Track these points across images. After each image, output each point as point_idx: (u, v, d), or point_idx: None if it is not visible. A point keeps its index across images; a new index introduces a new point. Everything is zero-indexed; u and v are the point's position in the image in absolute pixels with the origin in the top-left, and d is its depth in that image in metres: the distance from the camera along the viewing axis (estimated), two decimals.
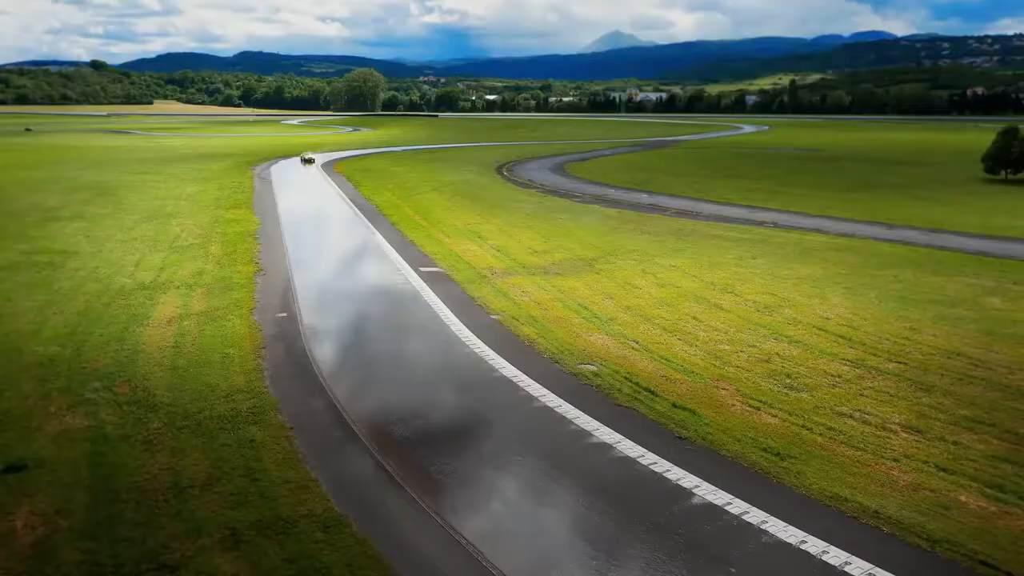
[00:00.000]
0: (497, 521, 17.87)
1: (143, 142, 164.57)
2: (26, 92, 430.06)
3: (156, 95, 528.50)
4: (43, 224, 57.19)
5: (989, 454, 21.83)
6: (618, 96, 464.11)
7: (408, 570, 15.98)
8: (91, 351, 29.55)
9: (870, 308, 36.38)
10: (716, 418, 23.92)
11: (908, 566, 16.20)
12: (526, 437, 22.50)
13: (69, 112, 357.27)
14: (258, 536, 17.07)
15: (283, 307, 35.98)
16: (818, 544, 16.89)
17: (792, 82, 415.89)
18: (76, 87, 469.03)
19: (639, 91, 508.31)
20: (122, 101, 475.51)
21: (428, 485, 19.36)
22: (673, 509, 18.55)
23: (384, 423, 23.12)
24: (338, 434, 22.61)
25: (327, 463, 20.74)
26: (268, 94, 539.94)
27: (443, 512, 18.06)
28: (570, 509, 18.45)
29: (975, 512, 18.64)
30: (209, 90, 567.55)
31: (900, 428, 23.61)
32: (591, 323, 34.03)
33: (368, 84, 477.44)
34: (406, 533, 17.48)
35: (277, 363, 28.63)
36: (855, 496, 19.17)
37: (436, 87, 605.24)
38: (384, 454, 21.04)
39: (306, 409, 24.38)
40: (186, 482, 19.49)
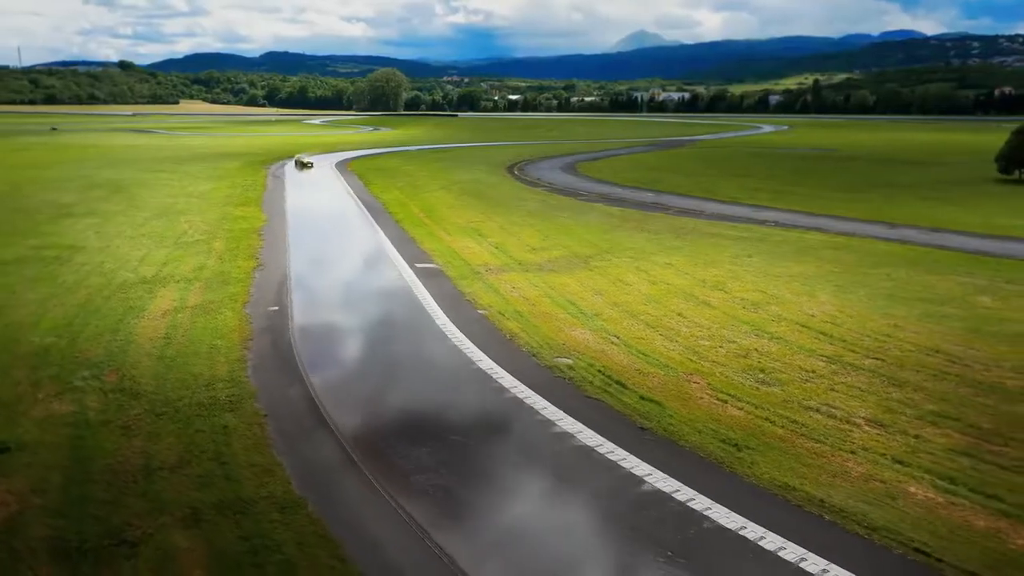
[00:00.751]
0: (446, 503, 18.45)
1: (164, 141, 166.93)
2: (55, 92, 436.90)
3: (182, 95, 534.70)
4: (55, 220, 58.54)
5: (948, 448, 22.07)
6: (640, 96, 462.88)
7: (355, 548, 16.61)
8: (85, 341, 30.46)
9: (857, 306, 36.53)
10: (681, 410, 24.34)
11: (841, 552, 16.59)
12: (491, 426, 23.09)
13: (96, 112, 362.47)
14: (218, 515, 17.77)
15: (276, 301, 36.78)
16: (757, 530, 17.30)
17: (815, 82, 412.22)
18: (104, 87, 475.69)
19: (661, 91, 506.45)
20: (148, 101, 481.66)
21: (387, 470, 19.99)
22: (622, 495, 19.01)
23: (355, 412, 23.80)
24: (309, 422, 23.31)
25: (294, 448, 21.43)
26: (292, 94, 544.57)
27: (396, 494, 18.67)
28: (521, 493, 19.00)
29: (921, 503, 18.95)
30: (234, 90, 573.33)
31: (864, 422, 23.88)
32: (576, 318, 34.50)
33: (391, 84, 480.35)
34: (359, 514, 18.13)
35: (262, 354, 29.40)
36: (803, 486, 19.54)
37: (460, 87, 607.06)
38: (350, 440, 21.72)
39: (282, 398, 25.11)
40: (157, 464, 20.26)
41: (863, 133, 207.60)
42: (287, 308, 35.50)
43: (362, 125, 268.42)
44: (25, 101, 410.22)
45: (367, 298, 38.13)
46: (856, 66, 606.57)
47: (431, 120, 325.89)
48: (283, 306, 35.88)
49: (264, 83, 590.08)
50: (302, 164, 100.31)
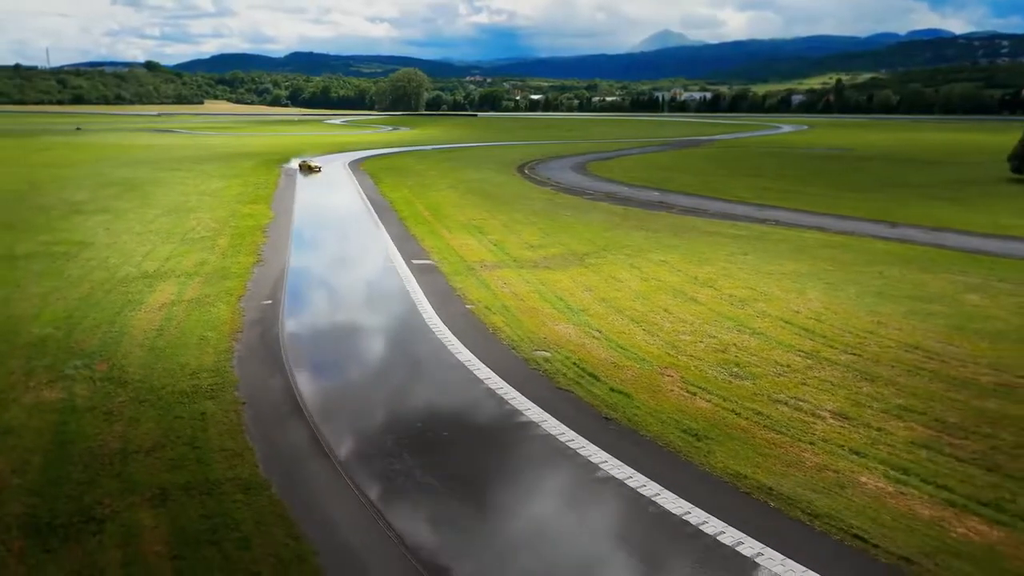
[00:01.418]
0: (405, 488, 19.11)
1: (184, 141, 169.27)
2: (82, 92, 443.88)
3: (207, 95, 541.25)
4: (68, 217, 59.94)
5: (909, 440, 22.40)
6: (661, 96, 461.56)
7: (310, 527, 17.30)
8: (81, 333, 31.45)
9: (844, 303, 36.78)
10: (649, 402, 24.83)
11: (779, 536, 17.05)
12: (459, 415, 23.75)
13: (121, 112, 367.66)
14: (184, 496, 18.55)
15: (270, 295, 37.65)
16: (701, 515, 17.81)
17: (837, 81, 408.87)
18: (130, 87, 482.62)
19: (683, 91, 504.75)
20: (174, 101, 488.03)
21: (353, 455, 20.69)
22: (576, 480, 19.59)
23: (330, 400, 24.57)
24: (285, 409, 24.08)
25: (266, 434, 22.20)
26: (315, 94, 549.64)
27: (357, 478, 19.36)
28: (481, 480, 19.63)
29: (870, 492, 19.33)
30: (258, 90, 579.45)
31: (830, 415, 24.24)
32: (562, 313, 35.04)
33: (412, 84, 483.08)
34: (319, 496, 18.84)
35: (250, 345, 30.24)
36: (755, 474, 19.99)
37: (482, 87, 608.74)
38: (321, 427, 22.45)
39: (262, 387, 25.90)
40: (133, 448, 21.09)
41: (882, 133, 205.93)
42: (280, 302, 36.33)
43: (382, 125, 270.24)
44: (53, 101, 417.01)
45: (359, 292, 38.97)
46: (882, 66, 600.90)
47: (450, 120, 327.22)
48: (276, 300, 36.74)
49: (288, 83, 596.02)
50: (308, 168, 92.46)
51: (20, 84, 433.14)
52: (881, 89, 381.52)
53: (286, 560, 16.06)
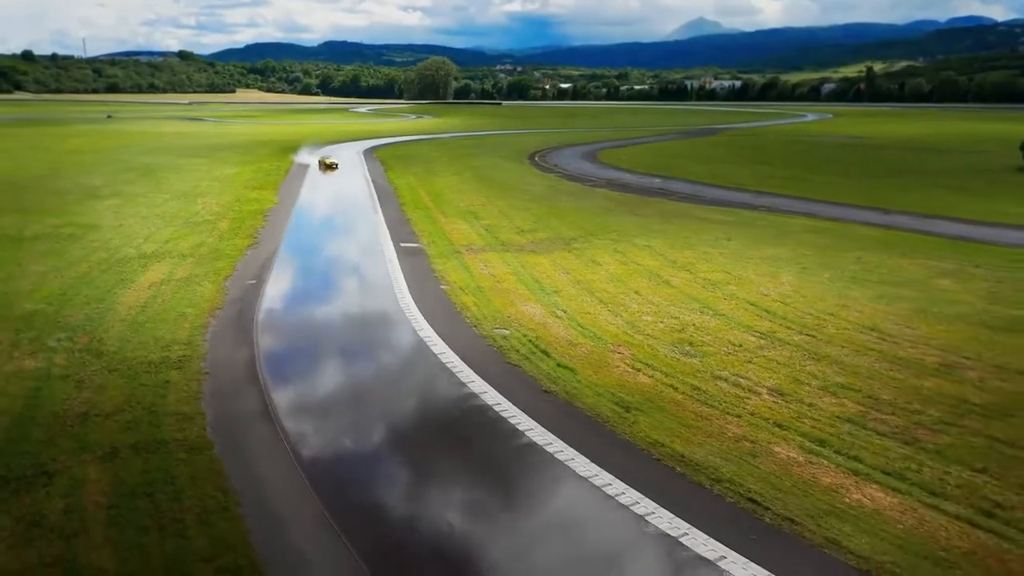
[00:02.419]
0: (336, 449, 20.43)
1: (210, 129, 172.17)
2: (117, 81, 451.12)
3: (238, 84, 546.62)
4: (81, 201, 62.01)
5: (835, 415, 23.19)
6: (690, 84, 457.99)
7: (240, 483, 18.64)
8: (70, 309, 33.12)
9: (815, 286, 37.37)
10: (592, 376, 25.84)
11: (675, 498, 18.06)
12: (406, 386, 24.99)
13: (153, 100, 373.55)
14: (132, 454, 19.99)
15: (256, 276, 39.13)
16: (606, 478, 18.87)
17: (868, 69, 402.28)
18: (163, 76, 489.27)
19: (713, 79, 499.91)
20: (206, 90, 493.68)
21: (295, 421, 22.01)
22: (499, 444, 20.73)
23: (287, 371, 25.96)
24: (244, 379, 25.47)
25: (221, 401, 23.60)
26: (345, 83, 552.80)
27: (293, 440, 20.68)
28: (410, 443, 20.89)
29: (780, 461, 20.24)
30: (289, 79, 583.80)
31: (766, 391, 25.08)
32: (534, 294, 36.07)
33: (440, 73, 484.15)
34: (256, 457, 20.19)
35: (225, 321, 31.71)
36: (672, 443, 20.97)
37: (512, 76, 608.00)
38: (273, 395, 23.81)
39: (228, 359, 27.32)
40: (95, 412, 22.59)
41: (907, 122, 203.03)
42: (264, 281, 37.78)
43: (407, 113, 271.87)
44: (88, 90, 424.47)
45: (342, 273, 40.37)
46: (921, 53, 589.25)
47: (475, 108, 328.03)
48: (261, 280, 38.19)
49: (318, 72, 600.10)
50: (326, 166, 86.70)
51: (57, 73, 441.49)
52: (912, 77, 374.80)
53: (210, 510, 17.39)
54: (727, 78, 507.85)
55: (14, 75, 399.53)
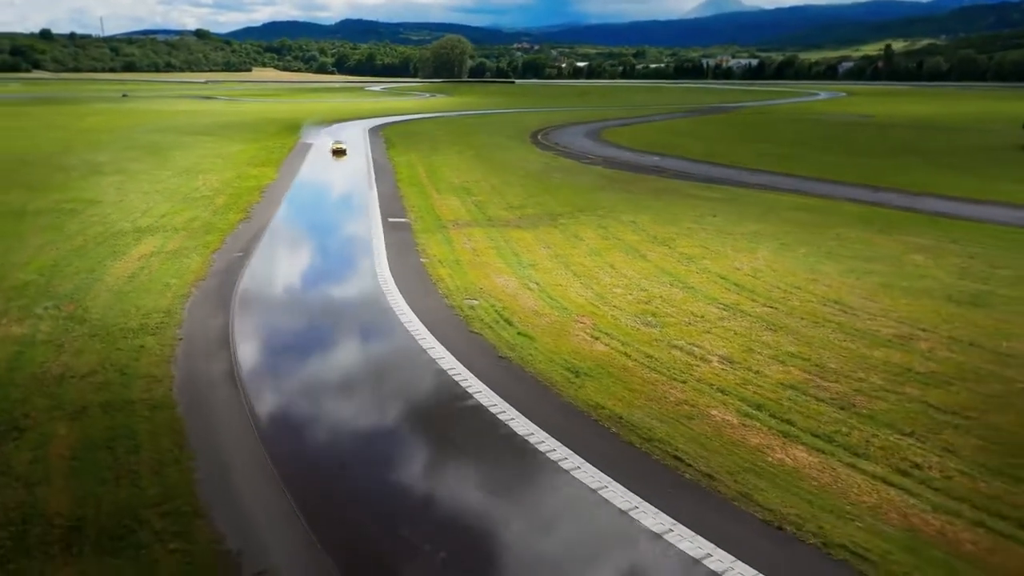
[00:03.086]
0: (289, 407, 21.56)
1: (223, 107, 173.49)
2: (134, 60, 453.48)
3: (255, 63, 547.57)
4: (86, 177, 63.40)
5: (780, 382, 24.01)
6: (706, 63, 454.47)
7: (197, 439, 19.79)
8: (61, 279, 34.39)
9: (789, 261, 38.04)
10: (549, 344, 26.78)
11: (602, 454, 19.03)
12: (368, 351, 26.11)
13: (170, 79, 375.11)
14: (100, 412, 21.19)
15: (243, 249, 40.28)
16: (541, 436, 19.89)
17: (886, 47, 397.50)
18: (180, 55, 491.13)
19: (730, 58, 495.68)
20: (222, 68, 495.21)
21: (258, 382, 23.16)
22: (446, 405, 21.81)
23: (257, 338, 27.09)
24: (215, 345, 26.62)
25: (191, 365, 24.77)
26: (361, 61, 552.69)
27: (254, 400, 21.83)
28: (359, 403, 21.99)
29: (714, 424, 21.13)
30: (305, 57, 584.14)
31: (717, 359, 25.91)
32: (510, 267, 36.99)
33: (455, 51, 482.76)
34: (215, 416, 21.33)
35: (206, 292, 32.89)
36: (612, 405, 21.92)
37: (529, 54, 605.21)
38: (240, 359, 24.95)
39: (203, 326, 28.49)
40: (71, 373, 23.81)
41: (918, 101, 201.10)
42: (250, 254, 38.92)
43: (421, 92, 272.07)
44: (106, 69, 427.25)
45: (326, 246, 41.50)
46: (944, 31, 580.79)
47: (488, 87, 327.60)
48: (247, 252, 39.33)
49: (334, 51, 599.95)
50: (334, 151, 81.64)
51: (75, 52, 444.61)
52: (930, 56, 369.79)
53: (165, 462, 18.56)
54: (745, 56, 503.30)
55: (32, 54, 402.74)
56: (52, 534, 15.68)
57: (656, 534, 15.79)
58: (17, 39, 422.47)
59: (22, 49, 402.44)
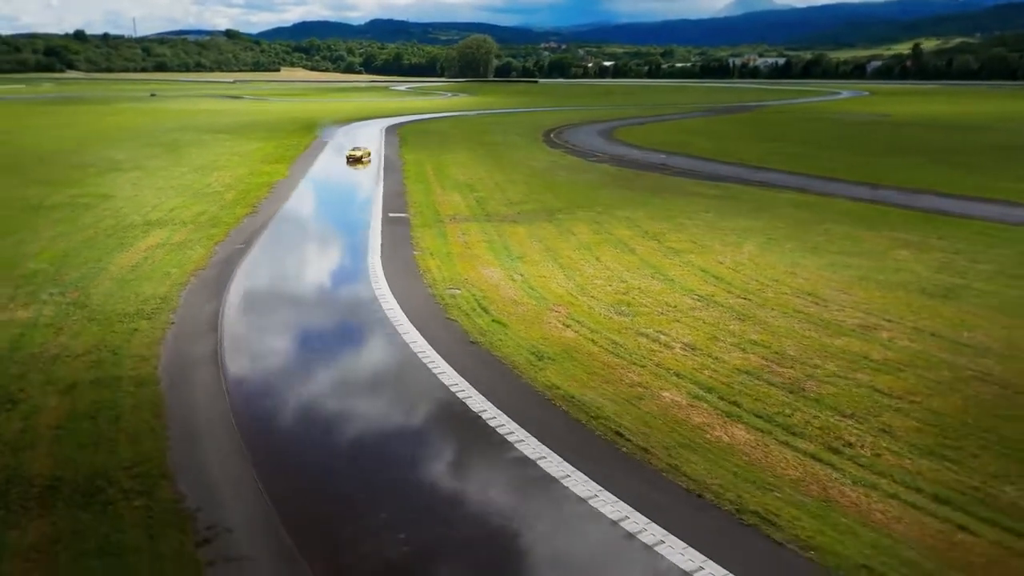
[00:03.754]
0: (264, 384, 23.02)
1: (246, 106, 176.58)
2: (165, 60, 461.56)
3: (283, 62, 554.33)
4: (103, 174, 65.62)
5: (737, 367, 25.02)
6: (732, 62, 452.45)
7: (173, 410, 21.29)
8: (69, 268, 36.19)
9: (773, 255, 38.88)
10: (521, 331, 27.98)
11: (549, 430, 20.21)
12: (346, 336, 27.56)
13: (199, 79, 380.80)
14: (88, 387, 22.75)
15: (245, 241, 41.91)
16: (494, 412, 21.15)
17: (916, 46, 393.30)
18: (210, 55, 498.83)
19: (757, 57, 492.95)
20: (251, 68, 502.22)
21: (237, 363, 24.65)
22: (411, 385, 23.15)
23: (244, 323, 28.62)
24: (204, 329, 28.16)
25: (179, 346, 26.31)
26: (388, 61, 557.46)
27: (231, 379, 23.30)
28: (331, 385, 23.43)
29: (663, 404, 22.22)
30: (333, 57, 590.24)
31: (681, 346, 26.95)
32: (499, 259, 38.22)
33: (481, 51, 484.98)
34: (195, 392, 22.81)
35: (204, 280, 34.52)
36: (568, 387, 23.08)
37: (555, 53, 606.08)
38: (225, 342, 26.46)
39: (195, 312, 30.06)
40: (67, 354, 25.43)
41: (943, 100, 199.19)
42: (250, 247, 40.54)
43: (443, 91, 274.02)
44: (137, 69, 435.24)
45: (323, 239, 43.12)
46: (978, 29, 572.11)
47: (511, 87, 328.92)
48: (248, 244, 40.95)
49: (362, 51, 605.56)
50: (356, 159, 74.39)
51: (107, 52, 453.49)
52: (960, 54, 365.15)
53: (141, 432, 20.05)
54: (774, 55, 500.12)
55: (67, 54, 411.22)
56: (31, 492, 17.17)
57: (582, 499, 16.97)
58: (52, 40, 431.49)
59: (56, 50, 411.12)
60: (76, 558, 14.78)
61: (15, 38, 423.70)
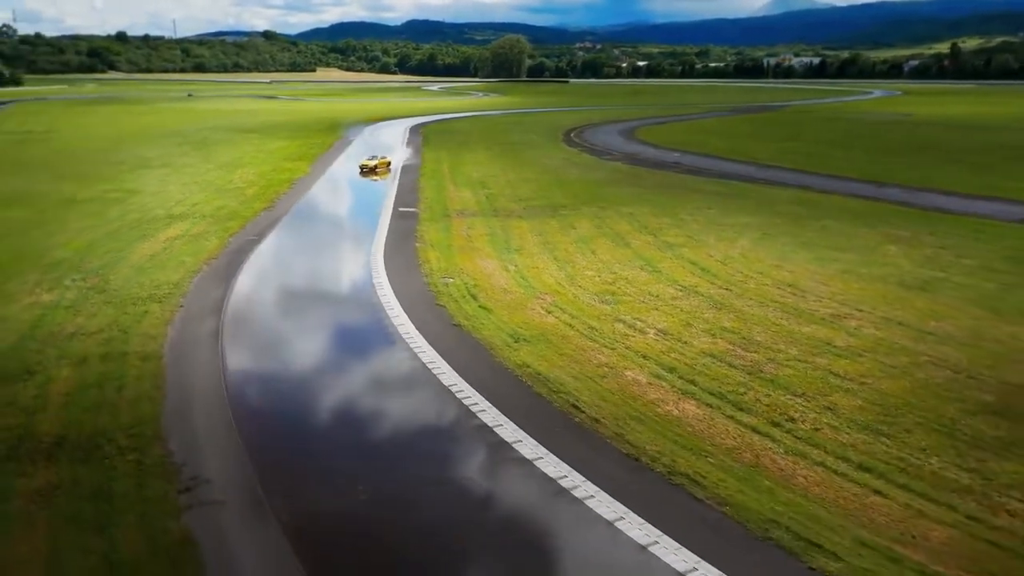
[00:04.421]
0: (254, 359, 25.03)
1: (279, 106, 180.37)
2: (203, 61, 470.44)
3: (319, 63, 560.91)
4: (133, 170, 68.52)
5: (703, 351, 26.47)
6: (766, 62, 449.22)
7: (172, 381, 23.36)
8: (93, 257, 38.60)
9: (764, 250, 40.09)
10: (504, 316, 29.67)
11: (511, 402, 21.89)
12: (340, 317, 29.58)
13: (236, 79, 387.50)
14: (98, 361, 24.92)
15: (259, 234, 44.14)
16: (464, 387, 22.90)
17: (954, 45, 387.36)
18: (248, 56, 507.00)
19: (793, 56, 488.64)
20: (288, 69, 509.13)
21: (235, 341, 26.71)
22: (392, 362, 25.03)
23: (246, 306, 30.73)
24: (210, 311, 30.27)
25: (185, 325, 28.45)
26: (422, 61, 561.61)
27: (229, 355, 25.37)
28: (317, 359, 25.42)
29: (624, 381, 23.78)
30: (368, 58, 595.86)
31: (655, 331, 28.43)
32: (497, 252, 39.91)
33: (514, 51, 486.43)
34: (195, 365, 24.89)
35: (215, 268, 36.74)
36: (537, 364, 24.74)
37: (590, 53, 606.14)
38: (226, 323, 28.56)
39: (204, 296, 32.22)
40: (82, 332, 27.66)
41: (973, 100, 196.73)
42: (262, 239, 42.75)
43: (475, 92, 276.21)
44: (177, 69, 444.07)
45: (332, 232, 45.20)
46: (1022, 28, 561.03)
47: (541, 87, 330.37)
48: (261, 237, 43.17)
49: (397, 51, 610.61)
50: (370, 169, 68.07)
51: (148, 54, 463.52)
52: (1003, 53, 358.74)
53: (141, 399, 22.12)
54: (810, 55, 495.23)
55: (108, 55, 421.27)
56: (39, 447, 19.28)
57: (528, 460, 18.66)
58: (94, 42, 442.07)
59: (98, 51, 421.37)
60: (72, 500, 16.82)
61: (59, 39, 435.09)
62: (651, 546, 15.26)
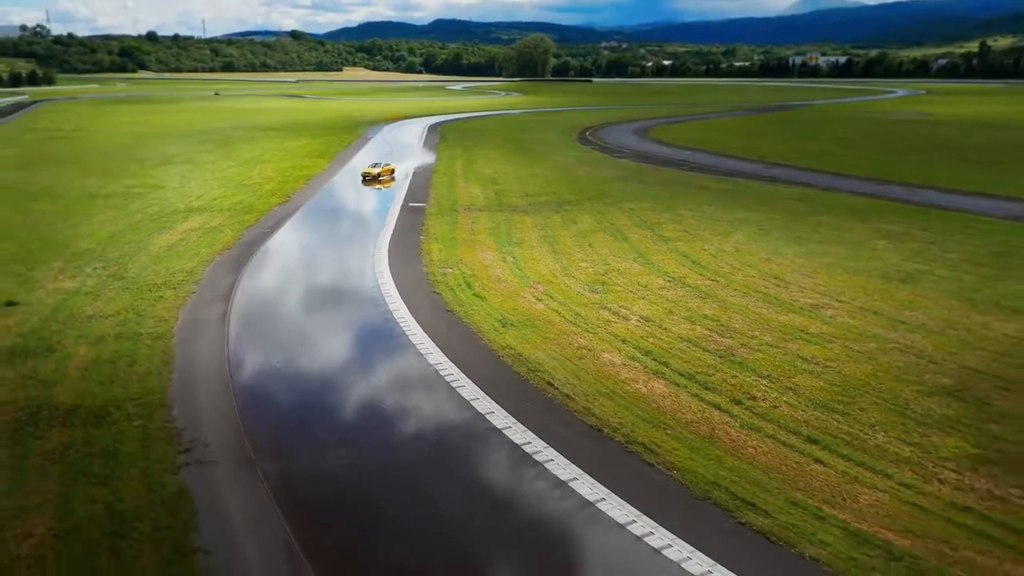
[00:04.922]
0: (257, 341, 26.87)
1: (303, 105, 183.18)
2: (232, 60, 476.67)
3: (346, 63, 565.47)
4: (158, 166, 70.95)
5: (682, 337, 27.90)
6: (792, 61, 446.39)
7: (180, 358, 25.24)
8: (113, 248, 40.71)
9: (756, 244, 41.33)
10: (496, 303, 31.28)
11: (492, 381, 23.49)
12: (341, 302, 31.39)
13: (263, 79, 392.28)
14: (113, 340, 26.88)
15: (272, 226, 46.08)
16: (447, 366, 24.53)
17: (982, 43, 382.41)
18: (275, 56, 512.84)
19: (820, 55, 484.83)
20: (315, 68, 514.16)
21: (240, 324, 28.58)
22: (383, 342, 26.76)
23: (254, 292, 32.58)
24: (220, 297, 32.17)
25: (195, 310, 30.36)
26: (447, 61, 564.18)
27: (232, 336, 27.24)
28: (314, 340, 27.22)
29: (601, 363, 25.28)
30: (394, 57, 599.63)
31: (637, 319, 29.90)
32: (498, 244, 41.50)
33: (539, 50, 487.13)
34: (201, 344, 26.77)
35: (228, 257, 38.69)
36: (519, 346, 26.34)
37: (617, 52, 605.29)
38: (233, 308, 30.43)
39: (215, 283, 34.15)
40: (100, 315, 29.65)
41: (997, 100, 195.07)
42: (275, 231, 44.70)
43: (498, 91, 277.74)
44: (206, 69, 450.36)
45: (342, 225, 47.03)
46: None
47: (564, 86, 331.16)
48: (273, 229, 45.11)
49: (422, 51, 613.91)
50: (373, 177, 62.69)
51: (177, 53, 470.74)
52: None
53: (151, 373, 24.01)
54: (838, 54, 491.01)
55: (139, 55, 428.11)
56: (56, 414, 21.20)
57: (498, 429, 20.28)
58: (125, 42, 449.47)
59: (129, 51, 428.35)
60: (82, 458, 18.69)
61: (91, 39, 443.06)
62: (599, 502, 16.81)
